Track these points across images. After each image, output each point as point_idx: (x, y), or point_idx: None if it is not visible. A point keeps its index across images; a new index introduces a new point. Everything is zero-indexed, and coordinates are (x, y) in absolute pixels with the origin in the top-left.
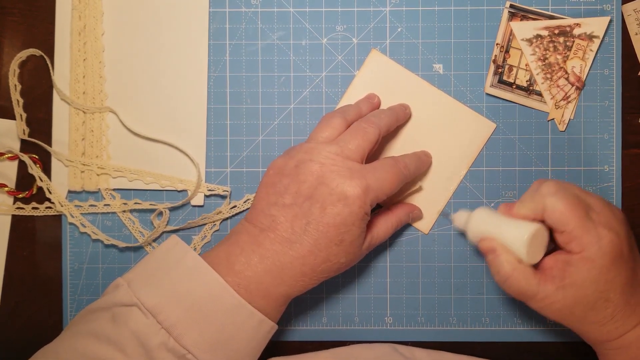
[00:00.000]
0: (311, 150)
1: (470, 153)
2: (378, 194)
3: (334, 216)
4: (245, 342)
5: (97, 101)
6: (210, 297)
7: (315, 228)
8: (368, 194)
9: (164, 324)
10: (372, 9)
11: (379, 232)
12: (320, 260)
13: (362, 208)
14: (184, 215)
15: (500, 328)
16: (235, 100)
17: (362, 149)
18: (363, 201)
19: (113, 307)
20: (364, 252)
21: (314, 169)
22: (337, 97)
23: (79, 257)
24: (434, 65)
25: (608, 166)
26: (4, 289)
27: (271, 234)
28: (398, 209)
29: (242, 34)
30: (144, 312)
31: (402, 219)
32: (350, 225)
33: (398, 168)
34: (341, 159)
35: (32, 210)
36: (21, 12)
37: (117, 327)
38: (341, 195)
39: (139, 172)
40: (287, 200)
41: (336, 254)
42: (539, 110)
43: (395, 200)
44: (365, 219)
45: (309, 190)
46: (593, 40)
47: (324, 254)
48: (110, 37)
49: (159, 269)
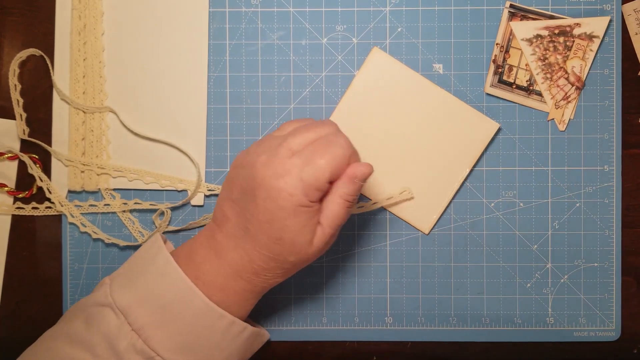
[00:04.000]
0: (265, 137)
1: (473, 153)
2: (311, 183)
3: (264, 212)
4: (215, 344)
5: (97, 101)
6: (178, 298)
7: (253, 225)
8: (296, 186)
9: (134, 326)
10: (372, 9)
11: (327, 219)
12: (266, 258)
13: (290, 201)
14: (184, 215)
15: (500, 328)
16: (235, 100)
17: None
18: (290, 193)
19: (91, 307)
20: (319, 247)
21: (251, 160)
22: (337, 97)
23: (79, 257)
24: (434, 65)
25: (608, 166)
26: (4, 289)
27: (223, 229)
28: (337, 182)
29: (242, 33)
30: (116, 312)
31: (345, 190)
32: (283, 220)
33: (333, 151)
34: (280, 148)
35: (32, 210)
36: (21, 12)
37: (90, 329)
38: (268, 189)
39: (139, 172)
40: (235, 194)
41: (280, 252)
42: (539, 110)
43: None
44: (303, 212)
45: (246, 183)
46: (593, 40)
47: (266, 252)
48: (110, 37)
49: (136, 268)
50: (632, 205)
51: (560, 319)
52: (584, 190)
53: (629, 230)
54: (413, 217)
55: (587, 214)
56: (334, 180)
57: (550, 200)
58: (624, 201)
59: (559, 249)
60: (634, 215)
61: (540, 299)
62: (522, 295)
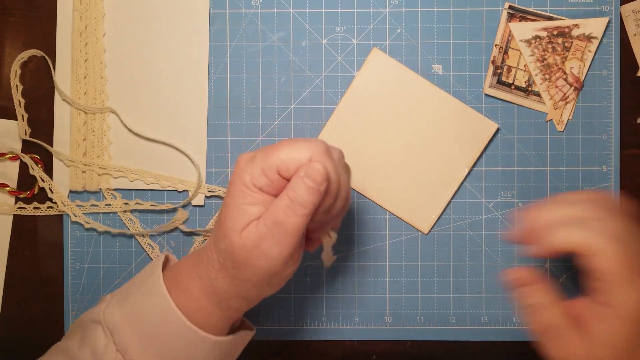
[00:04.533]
0: None
1: (472, 153)
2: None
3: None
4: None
5: (98, 102)
6: (162, 320)
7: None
8: (248, 164)
9: (119, 346)
10: (371, 10)
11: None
12: (211, 246)
13: (236, 174)
14: None
15: (500, 327)
16: (236, 101)
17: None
18: (241, 170)
19: (87, 323)
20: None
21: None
22: (337, 97)
23: (81, 257)
24: (433, 66)
25: (606, 166)
26: (5, 288)
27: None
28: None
29: (243, 35)
30: (105, 331)
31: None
32: (226, 196)
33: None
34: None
35: (34, 210)
36: (22, 12)
37: (82, 346)
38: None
39: (140, 173)
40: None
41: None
42: (538, 111)
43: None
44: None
45: None
46: (591, 41)
47: (211, 239)
48: (112, 38)
49: (132, 287)
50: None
51: None
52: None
53: None
54: (412, 217)
55: None
56: (285, 174)
57: None
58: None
59: None
60: None
61: None
62: None
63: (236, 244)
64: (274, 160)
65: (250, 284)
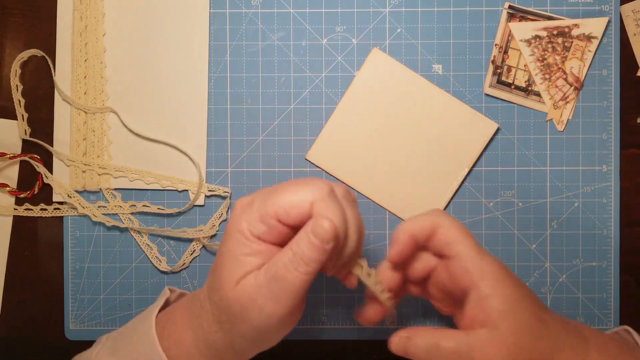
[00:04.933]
0: None
1: (472, 153)
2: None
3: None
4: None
5: (99, 101)
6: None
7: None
8: (245, 211)
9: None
10: (371, 10)
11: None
12: (204, 297)
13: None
14: (185, 215)
15: None
16: (236, 101)
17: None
18: (237, 217)
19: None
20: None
21: None
22: (337, 97)
23: (80, 257)
24: (433, 65)
25: (606, 166)
26: (5, 288)
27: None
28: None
29: (243, 34)
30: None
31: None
32: (221, 244)
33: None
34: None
35: (41, 211)
36: (22, 12)
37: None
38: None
39: (140, 172)
40: None
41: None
42: (538, 111)
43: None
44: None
45: None
46: (591, 40)
47: (206, 285)
48: (112, 37)
49: (126, 331)
50: (630, 205)
51: None
52: (582, 190)
53: (627, 229)
54: None
55: (585, 214)
56: (285, 221)
57: (549, 200)
58: (622, 201)
59: (557, 248)
60: (632, 215)
61: (539, 298)
62: None
63: (231, 297)
64: (273, 206)
65: (244, 340)
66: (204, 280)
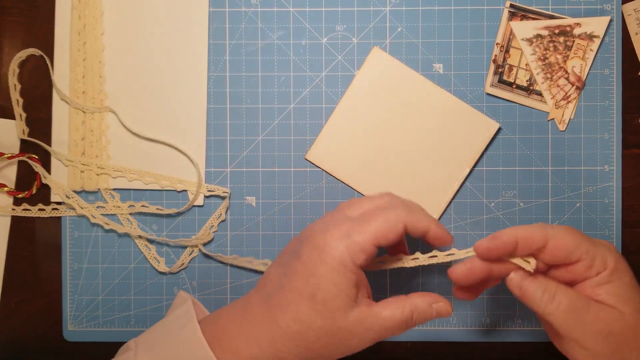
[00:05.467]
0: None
1: (473, 153)
2: (358, 242)
3: (305, 264)
4: None
5: (97, 101)
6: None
7: (289, 279)
8: (342, 240)
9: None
10: (372, 9)
11: (381, 311)
12: (289, 317)
13: (332, 255)
14: (184, 215)
15: (500, 328)
16: (235, 100)
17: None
18: (334, 247)
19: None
20: (355, 330)
21: (313, 227)
22: (337, 96)
23: (79, 257)
24: (434, 65)
25: (608, 166)
26: (3, 289)
27: (260, 289)
28: (416, 295)
29: (242, 33)
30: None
31: (419, 306)
32: (321, 276)
33: (388, 215)
34: (339, 212)
35: (39, 211)
36: (21, 11)
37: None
38: (315, 240)
39: (139, 172)
40: (284, 258)
41: (307, 312)
42: (539, 110)
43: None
44: (344, 274)
45: (300, 243)
46: (593, 40)
47: (293, 310)
48: (110, 36)
49: (163, 335)
50: (632, 205)
51: None
52: (584, 190)
53: (629, 230)
54: None
55: (587, 214)
56: (383, 244)
57: (551, 200)
58: (624, 201)
59: None
60: (634, 215)
61: None
62: None
63: (343, 326)
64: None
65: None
66: (203, 281)
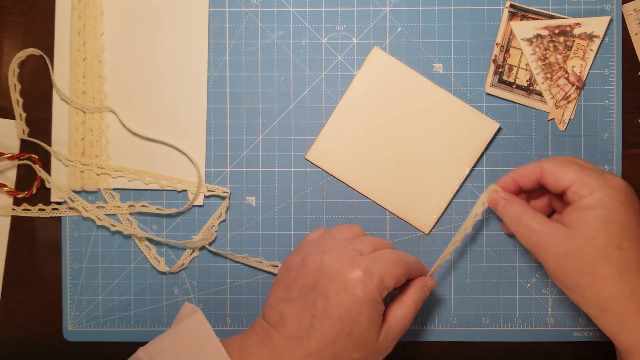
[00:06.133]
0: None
1: (473, 153)
2: (383, 278)
3: (337, 305)
4: None
5: (97, 101)
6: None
7: (321, 322)
8: (371, 278)
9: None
10: (372, 9)
11: (395, 319)
12: (328, 356)
13: (366, 294)
14: (184, 215)
15: (500, 328)
16: (235, 100)
17: (375, 247)
18: (366, 285)
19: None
20: (383, 346)
21: (316, 258)
22: (337, 96)
23: (79, 257)
24: (434, 65)
25: (608, 166)
26: (3, 289)
27: (280, 329)
28: (409, 289)
29: (242, 33)
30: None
31: (416, 296)
32: (357, 314)
33: (398, 255)
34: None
35: (39, 211)
36: (21, 11)
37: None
38: (341, 281)
39: (139, 172)
40: (294, 293)
41: (345, 348)
42: (539, 110)
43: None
44: (375, 307)
45: (312, 280)
46: (593, 40)
47: (332, 349)
48: (110, 36)
49: (181, 349)
50: None
51: (560, 319)
52: None
53: None
54: (413, 217)
55: None
56: (396, 286)
57: None
58: None
59: None
60: None
61: (541, 299)
62: (522, 295)
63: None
64: (395, 277)
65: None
66: (203, 281)
